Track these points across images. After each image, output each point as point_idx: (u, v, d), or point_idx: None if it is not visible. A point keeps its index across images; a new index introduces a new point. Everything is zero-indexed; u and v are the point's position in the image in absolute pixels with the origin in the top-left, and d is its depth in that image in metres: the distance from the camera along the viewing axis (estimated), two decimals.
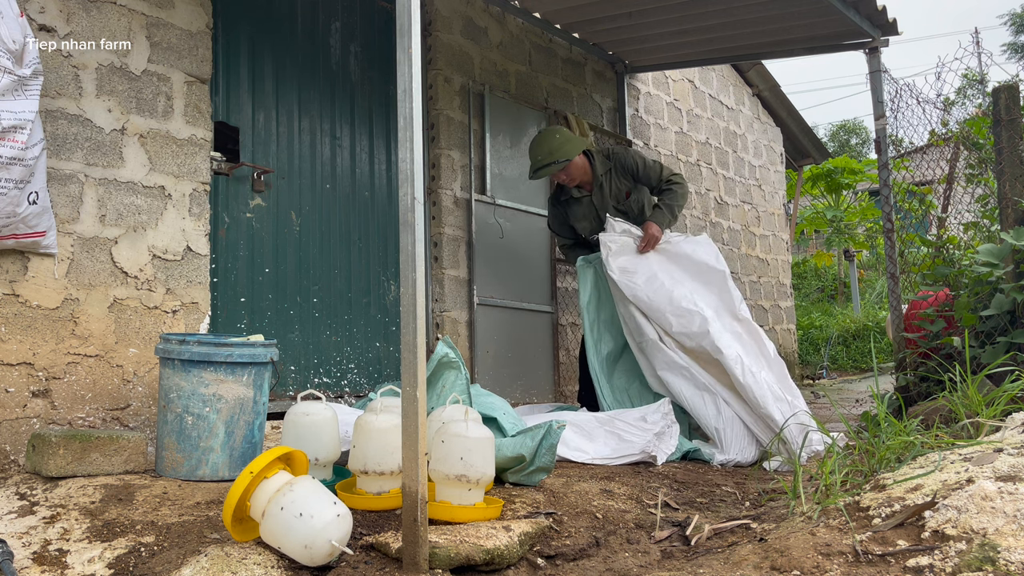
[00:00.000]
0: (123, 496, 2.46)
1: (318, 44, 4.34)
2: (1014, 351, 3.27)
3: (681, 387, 3.92)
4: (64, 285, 3.05)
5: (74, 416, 3.03)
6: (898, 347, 4.46)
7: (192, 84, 3.52)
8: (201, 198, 3.52)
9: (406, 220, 2.09)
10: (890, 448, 2.37)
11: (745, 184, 8.11)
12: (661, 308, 3.97)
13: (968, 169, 5.03)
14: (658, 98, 6.80)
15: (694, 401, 3.89)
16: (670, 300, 3.97)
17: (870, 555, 1.75)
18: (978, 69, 18.01)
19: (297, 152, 4.19)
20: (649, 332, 4.02)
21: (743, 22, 5.16)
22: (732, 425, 3.81)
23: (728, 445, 3.77)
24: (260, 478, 2.04)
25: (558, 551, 2.33)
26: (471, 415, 2.53)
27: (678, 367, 3.94)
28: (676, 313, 3.94)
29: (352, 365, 4.35)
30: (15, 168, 2.76)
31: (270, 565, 2.00)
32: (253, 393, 2.83)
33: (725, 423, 3.81)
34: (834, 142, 27.64)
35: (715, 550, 2.24)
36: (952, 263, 4.29)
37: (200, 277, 3.49)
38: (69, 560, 2.10)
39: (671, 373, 3.95)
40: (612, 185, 4.42)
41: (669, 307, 3.96)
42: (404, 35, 2.14)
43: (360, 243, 4.46)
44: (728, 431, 3.80)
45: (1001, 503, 1.72)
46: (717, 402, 3.85)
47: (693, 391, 3.90)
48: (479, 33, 5.11)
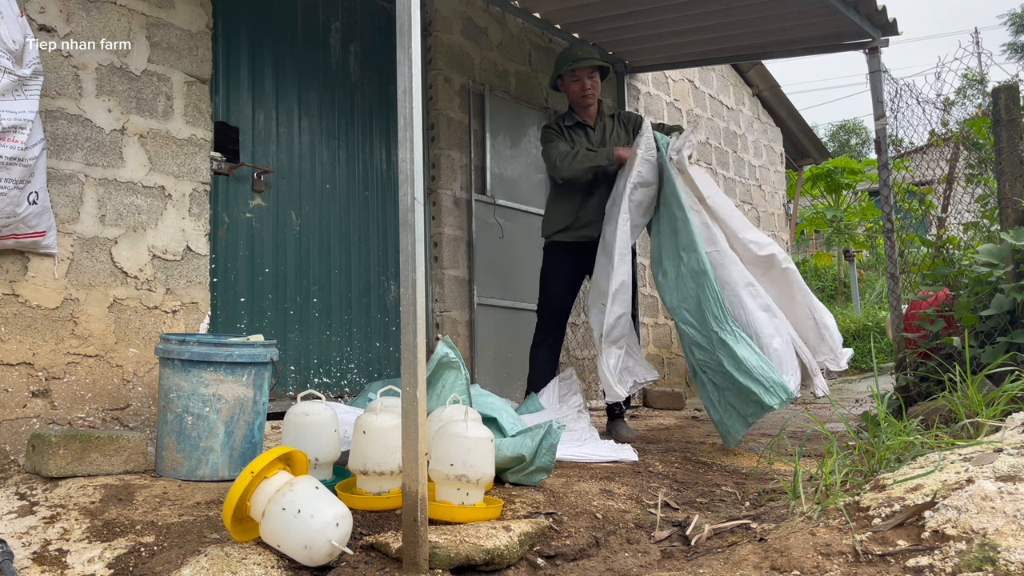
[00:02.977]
0: (123, 496, 2.46)
1: (318, 44, 4.34)
2: (1014, 351, 3.27)
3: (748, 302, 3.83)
4: (64, 285, 3.05)
5: (74, 416, 3.03)
6: (898, 347, 4.46)
7: (192, 84, 3.52)
8: (201, 198, 3.52)
9: (406, 220, 2.08)
10: (890, 448, 2.37)
11: (745, 184, 8.11)
12: (732, 215, 3.99)
13: (968, 169, 5.04)
14: (658, 98, 6.80)
15: (757, 317, 3.81)
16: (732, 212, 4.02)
17: (870, 555, 1.75)
18: (978, 69, 18.01)
19: (297, 152, 4.19)
20: (722, 241, 3.92)
21: (743, 22, 5.16)
22: (788, 348, 3.82)
23: (785, 367, 3.75)
24: (260, 478, 2.04)
25: (558, 551, 2.33)
26: (471, 415, 2.53)
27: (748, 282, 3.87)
28: (743, 225, 3.99)
29: (352, 365, 4.35)
30: (15, 168, 2.76)
31: (270, 565, 2.00)
32: (253, 393, 2.83)
33: (784, 344, 3.81)
34: (834, 142, 27.65)
35: (715, 550, 2.24)
36: (952, 263, 4.29)
37: (200, 277, 3.49)
38: (69, 560, 2.10)
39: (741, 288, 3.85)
40: (614, 130, 4.41)
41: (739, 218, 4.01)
42: (404, 35, 2.14)
43: (360, 243, 4.46)
44: (785, 353, 3.79)
45: (1001, 503, 1.72)
46: (778, 323, 3.86)
47: (757, 309, 3.85)
48: (479, 33, 5.11)
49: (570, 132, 4.35)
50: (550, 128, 4.37)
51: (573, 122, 4.38)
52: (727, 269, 3.82)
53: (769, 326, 3.80)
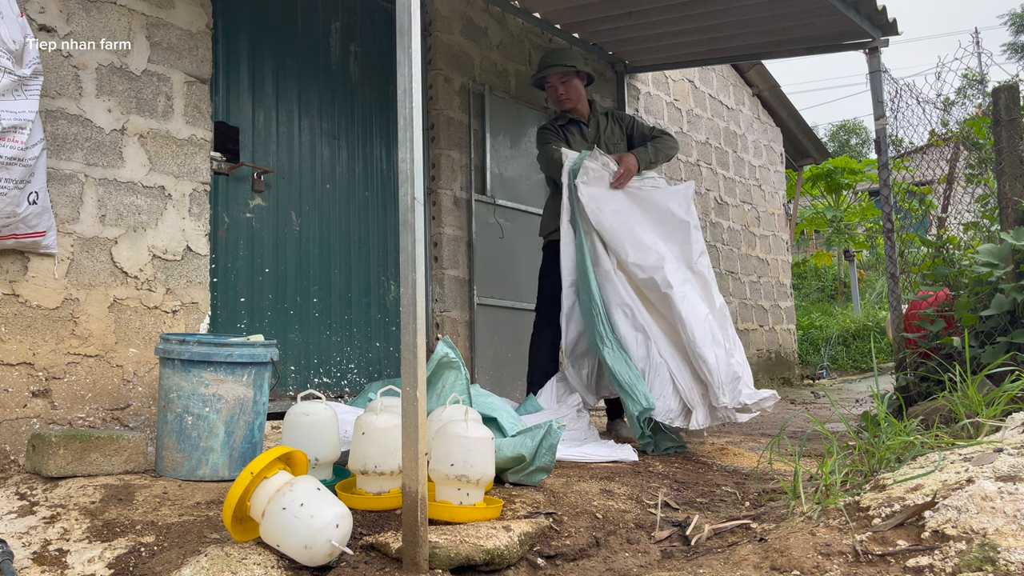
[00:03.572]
0: (123, 496, 2.46)
1: (318, 44, 4.34)
2: (1014, 351, 3.27)
3: (620, 322, 3.92)
4: (64, 285, 3.05)
5: (74, 416, 3.03)
6: (898, 347, 4.46)
7: (192, 84, 3.52)
8: (201, 198, 3.52)
9: (406, 220, 2.08)
10: (890, 448, 2.37)
11: (745, 184, 8.11)
12: (622, 238, 3.98)
13: (968, 169, 5.04)
14: (658, 98, 6.80)
15: (628, 339, 3.89)
16: (632, 233, 4.00)
17: (870, 555, 1.75)
18: (978, 69, 18.00)
19: (297, 152, 4.19)
20: (605, 262, 4.00)
21: (743, 22, 5.16)
22: (658, 372, 3.82)
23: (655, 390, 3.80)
24: (260, 478, 2.04)
25: (558, 551, 2.33)
26: (471, 415, 2.53)
27: (623, 303, 3.94)
28: (635, 245, 3.97)
29: (352, 365, 4.35)
30: (15, 168, 2.76)
31: (270, 565, 2.00)
32: (253, 393, 2.83)
33: (652, 368, 3.82)
34: (834, 142, 27.65)
35: (715, 550, 2.24)
36: (952, 263, 4.29)
37: (200, 277, 3.49)
38: (69, 560, 2.10)
39: (615, 307, 3.95)
40: (608, 127, 4.43)
41: (630, 238, 3.98)
42: (404, 35, 2.14)
43: (360, 243, 4.46)
44: (651, 376, 3.81)
45: (1001, 503, 1.72)
46: (649, 345, 3.86)
47: (630, 329, 3.90)
48: (479, 33, 5.11)
49: (564, 130, 4.38)
50: (544, 129, 4.41)
51: (567, 120, 4.41)
52: (606, 290, 3.96)
53: (640, 348, 3.87)
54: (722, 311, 4.04)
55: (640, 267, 3.94)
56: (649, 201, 4.18)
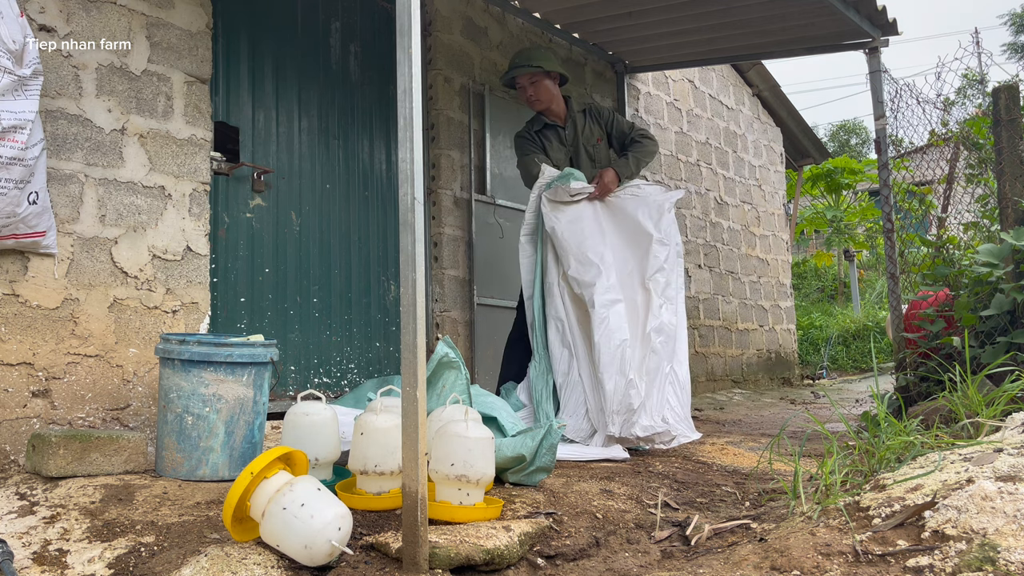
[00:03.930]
0: (123, 496, 2.46)
1: (318, 44, 4.34)
2: (1014, 351, 3.28)
3: (552, 336, 3.93)
4: (64, 285, 3.05)
5: (74, 416, 3.03)
6: (898, 347, 4.46)
7: (192, 84, 3.52)
8: (201, 198, 3.52)
9: (406, 220, 2.08)
10: (890, 448, 2.37)
11: (745, 184, 8.11)
12: (568, 249, 3.93)
13: (968, 169, 5.04)
14: (658, 98, 6.80)
15: (555, 354, 3.90)
16: (579, 245, 3.93)
17: (870, 555, 1.75)
18: (978, 69, 18.01)
19: (297, 152, 4.19)
20: (552, 273, 3.99)
21: (743, 22, 5.16)
22: (574, 390, 3.82)
23: (564, 405, 3.82)
24: (260, 478, 2.04)
25: (558, 551, 2.33)
26: (471, 415, 2.53)
27: (557, 317, 3.94)
28: (578, 258, 3.90)
29: (352, 365, 4.35)
30: (15, 168, 2.76)
31: (270, 565, 2.00)
32: (253, 393, 2.83)
33: (570, 385, 3.83)
34: (834, 142, 27.65)
35: (715, 550, 2.24)
36: (952, 263, 4.29)
37: (200, 277, 3.49)
38: (69, 560, 2.10)
39: (551, 321, 3.96)
40: (586, 127, 4.35)
41: (575, 250, 3.91)
42: (404, 35, 2.14)
43: (360, 243, 4.46)
44: (568, 392, 3.83)
45: (1001, 503, 1.72)
46: (571, 362, 3.86)
47: (558, 344, 3.91)
48: (479, 33, 5.11)
49: (541, 136, 4.31)
50: (521, 136, 4.34)
51: (542, 125, 4.33)
52: (548, 303, 3.99)
53: (563, 364, 3.88)
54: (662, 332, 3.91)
55: (577, 281, 3.87)
56: (618, 209, 4.12)
